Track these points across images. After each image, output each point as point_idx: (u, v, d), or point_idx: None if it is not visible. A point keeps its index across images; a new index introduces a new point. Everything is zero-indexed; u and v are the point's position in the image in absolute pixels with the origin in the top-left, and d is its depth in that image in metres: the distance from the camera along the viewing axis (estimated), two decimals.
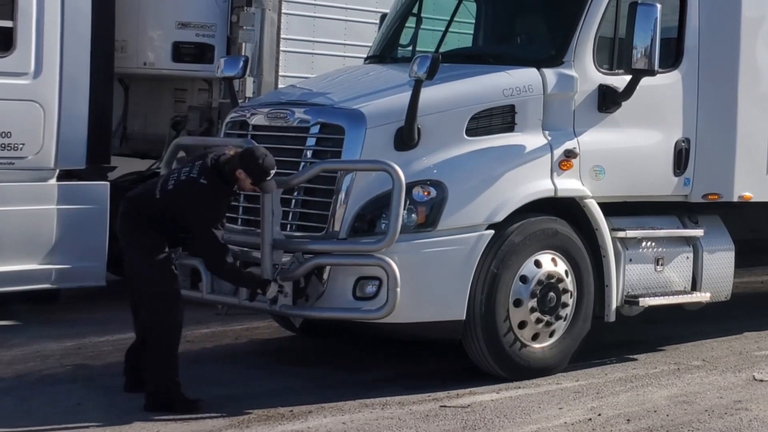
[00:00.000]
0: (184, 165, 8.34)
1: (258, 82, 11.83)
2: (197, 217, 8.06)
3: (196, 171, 8.10)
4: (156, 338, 8.08)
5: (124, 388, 8.46)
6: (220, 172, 8.09)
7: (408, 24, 10.86)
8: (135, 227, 8.15)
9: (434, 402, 8.42)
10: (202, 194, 8.03)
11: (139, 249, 8.11)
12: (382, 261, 8.32)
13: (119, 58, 11.77)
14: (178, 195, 8.07)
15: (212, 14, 11.99)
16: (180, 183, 8.10)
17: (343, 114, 8.88)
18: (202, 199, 8.03)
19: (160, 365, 8.06)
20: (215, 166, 8.11)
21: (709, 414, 8.25)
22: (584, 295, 9.30)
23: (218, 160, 8.15)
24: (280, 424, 7.83)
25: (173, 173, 8.27)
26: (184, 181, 8.09)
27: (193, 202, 8.03)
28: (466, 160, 8.85)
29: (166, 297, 8.07)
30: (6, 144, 10.39)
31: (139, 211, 8.17)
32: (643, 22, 9.21)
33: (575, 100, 9.41)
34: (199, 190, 8.03)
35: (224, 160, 8.13)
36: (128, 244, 8.20)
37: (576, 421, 8.01)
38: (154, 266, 8.06)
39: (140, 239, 8.11)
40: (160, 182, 8.25)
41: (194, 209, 8.04)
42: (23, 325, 10.70)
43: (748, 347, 10.51)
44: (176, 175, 8.18)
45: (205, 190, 8.03)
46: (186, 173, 8.14)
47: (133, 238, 8.16)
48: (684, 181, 10.06)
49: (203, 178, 8.04)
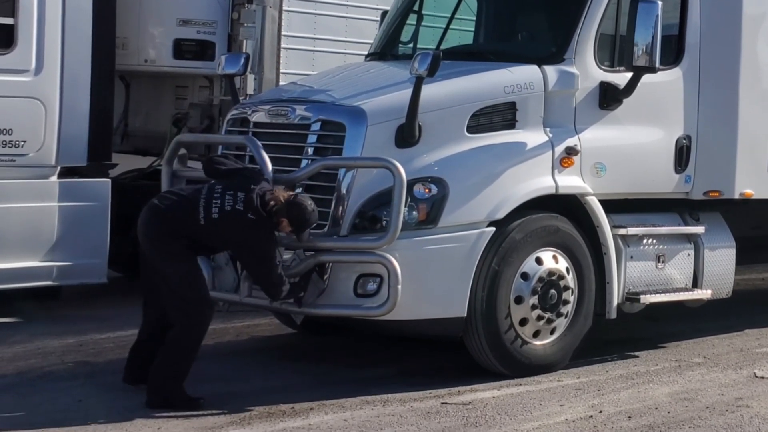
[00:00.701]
0: (223, 186, 8.06)
1: (259, 79, 11.83)
2: (250, 252, 8.06)
3: (241, 203, 7.93)
4: (178, 339, 8.04)
5: (123, 379, 8.45)
6: (265, 211, 8.00)
7: (409, 21, 10.86)
8: (168, 243, 8.01)
9: (435, 399, 8.42)
10: (253, 230, 7.94)
11: (169, 257, 8.02)
12: (383, 258, 8.33)
13: (120, 55, 11.77)
14: (227, 227, 7.95)
15: (213, 11, 11.99)
16: (227, 214, 7.93)
17: (345, 111, 8.88)
18: (254, 235, 7.96)
19: (172, 365, 8.04)
20: (262, 206, 7.98)
21: (710, 411, 8.25)
22: (585, 292, 9.30)
23: (264, 200, 8.00)
24: (281, 421, 7.83)
25: (214, 197, 7.97)
26: (230, 212, 7.92)
27: (245, 236, 7.96)
28: (467, 157, 8.85)
29: (197, 302, 8.03)
30: (7, 141, 10.40)
31: (178, 233, 7.99)
32: (644, 19, 9.20)
33: (576, 97, 9.41)
34: (250, 226, 7.93)
35: (272, 206, 7.99)
36: (158, 253, 8.06)
37: (577, 418, 8.01)
38: (185, 273, 8.01)
39: (172, 250, 8.01)
40: (201, 204, 7.96)
41: (248, 245, 7.99)
42: (25, 321, 10.70)
43: (749, 344, 10.51)
44: (218, 202, 7.94)
45: (256, 225, 7.93)
46: (230, 203, 7.93)
47: (163, 249, 8.03)
48: (685, 179, 10.05)
49: (251, 213, 7.93)
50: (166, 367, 8.06)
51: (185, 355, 8.08)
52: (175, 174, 9.24)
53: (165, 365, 8.06)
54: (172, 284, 8.01)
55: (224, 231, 7.99)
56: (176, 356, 8.06)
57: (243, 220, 7.93)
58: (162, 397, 8.03)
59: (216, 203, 7.96)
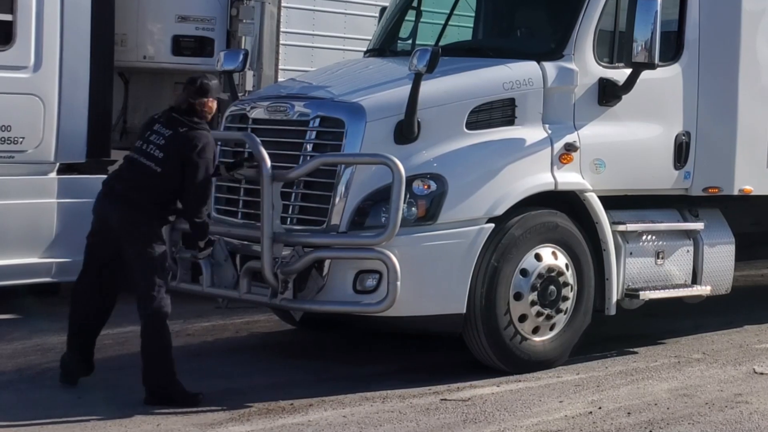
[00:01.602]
0: (147, 135, 8.23)
1: (258, 75, 11.84)
2: (202, 162, 8.08)
3: (172, 127, 8.11)
4: (154, 332, 8.03)
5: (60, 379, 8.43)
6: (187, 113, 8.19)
7: (408, 17, 10.86)
8: (136, 213, 8.06)
9: (435, 395, 8.42)
10: (194, 141, 8.07)
11: (141, 238, 8.04)
12: (382, 254, 8.32)
13: (119, 51, 11.76)
14: (175, 152, 8.05)
15: (212, 8, 11.99)
16: (167, 143, 8.08)
17: (343, 107, 8.88)
18: (200, 143, 8.07)
19: (160, 360, 8.04)
20: (180, 112, 8.20)
21: (709, 407, 8.25)
22: (585, 288, 9.30)
23: (178, 107, 8.24)
24: (280, 418, 7.83)
25: (148, 145, 8.14)
26: (170, 140, 8.07)
27: (197, 150, 8.04)
28: (466, 153, 8.85)
29: (162, 287, 8.05)
30: (6, 138, 10.39)
31: (140, 193, 8.06)
32: (643, 15, 9.20)
33: (575, 93, 9.40)
34: (191, 138, 8.07)
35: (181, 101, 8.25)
36: (128, 232, 8.07)
37: (576, 414, 8.01)
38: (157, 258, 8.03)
39: (143, 228, 8.05)
40: (143, 158, 8.12)
41: (194, 162, 8.04)
42: (24, 318, 10.70)
43: (749, 340, 10.51)
44: (154, 146, 8.11)
45: (194, 134, 8.09)
46: (161, 137, 8.11)
47: (134, 227, 8.06)
48: (684, 175, 10.05)
49: (181, 127, 8.10)
50: (155, 365, 8.04)
51: (168, 344, 8.08)
52: None
53: (154, 363, 8.04)
54: (145, 268, 8.02)
55: (175, 158, 8.03)
56: (159, 350, 8.04)
57: (180, 136, 8.07)
58: (160, 395, 8.03)
59: (153, 147, 8.12)
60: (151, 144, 8.15)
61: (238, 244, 8.95)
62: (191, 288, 9.14)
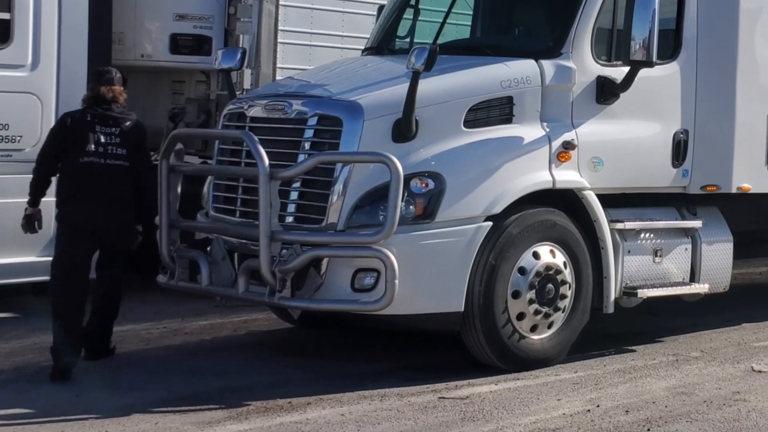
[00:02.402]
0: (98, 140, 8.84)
1: (256, 73, 11.82)
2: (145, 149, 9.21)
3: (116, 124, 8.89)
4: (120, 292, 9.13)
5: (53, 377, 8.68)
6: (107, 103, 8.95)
7: (406, 15, 10.86)
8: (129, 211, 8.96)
9: (433, 393, 8.42)
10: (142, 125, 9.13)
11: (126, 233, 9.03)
12: (380, 253, 8.32)
13: (117, 50, 11.77)
14: (132, 139, 8.93)
15: (210, 6, 11.98)
16: (125, 140, 8.88)
17: (341, 106, 8.87)
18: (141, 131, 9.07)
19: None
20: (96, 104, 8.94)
21: (707, 405, 8.26)
22: (583, 286, 9.30)
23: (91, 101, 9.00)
24: (278, 416, 7.83)
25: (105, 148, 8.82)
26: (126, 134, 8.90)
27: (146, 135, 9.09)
28: (464, 151, 8.85)
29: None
30: (3, 136, 10.40)
31: (118, 189, 8.85)
32: (641, 14, 9.20)
33: (573, 91, 9.40)
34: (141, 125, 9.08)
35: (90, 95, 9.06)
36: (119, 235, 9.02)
37: (575, 412, 8.01)
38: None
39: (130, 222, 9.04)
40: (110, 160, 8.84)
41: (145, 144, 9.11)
42: (22, 317, 10.70)
43: (747, 338, 10.52)
44: (113, 146, 8.84)
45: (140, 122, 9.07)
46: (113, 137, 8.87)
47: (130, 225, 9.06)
48: (682, 173, 10.05)
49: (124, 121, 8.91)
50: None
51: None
52: (172, 169, 9.22)
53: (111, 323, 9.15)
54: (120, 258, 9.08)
55: (132, 147, 8.92)
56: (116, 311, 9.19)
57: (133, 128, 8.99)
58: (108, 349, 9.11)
59: (111, 147, 8.87)
60: (108, 146, 8.84)
61: (236, 243, 8.95)
62: (189, 286, 9.14)
